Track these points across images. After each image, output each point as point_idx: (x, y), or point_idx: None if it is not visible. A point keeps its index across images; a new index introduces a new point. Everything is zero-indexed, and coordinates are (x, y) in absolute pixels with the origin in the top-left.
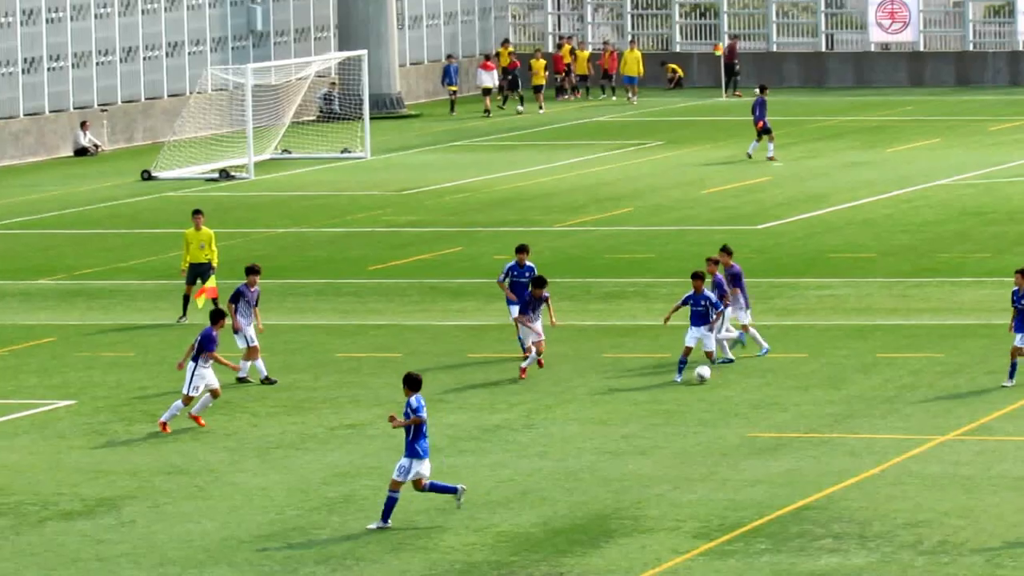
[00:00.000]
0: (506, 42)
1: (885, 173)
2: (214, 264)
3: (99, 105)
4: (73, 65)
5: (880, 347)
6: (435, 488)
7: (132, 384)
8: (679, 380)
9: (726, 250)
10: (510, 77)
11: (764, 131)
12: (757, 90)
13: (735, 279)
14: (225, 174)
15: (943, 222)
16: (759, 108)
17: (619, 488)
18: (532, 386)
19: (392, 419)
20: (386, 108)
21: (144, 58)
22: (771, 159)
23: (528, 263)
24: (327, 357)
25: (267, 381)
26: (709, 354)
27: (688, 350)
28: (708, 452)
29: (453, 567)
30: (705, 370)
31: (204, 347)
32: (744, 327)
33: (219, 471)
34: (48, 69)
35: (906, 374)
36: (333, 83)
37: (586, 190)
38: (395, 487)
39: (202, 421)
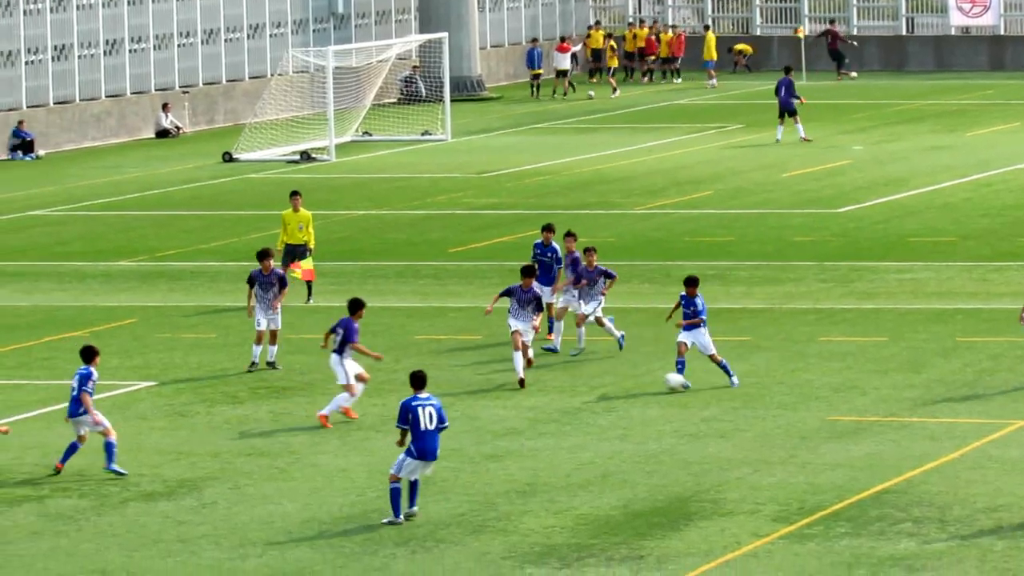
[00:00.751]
0: (597, 24)
1: (965, 157)
2: (311, 246)
3: (181, 87)
4: (155, 47)
5: (960, 331)
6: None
7: (213, 365)
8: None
9: (571, 235)
10: (599, 59)
11: (788, 112)
12: (783, 71)
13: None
14: (306, 156)
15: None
16: (785, 89)
17: (699, 471)
18: (612, 369)
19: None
20: (466, 91)
21: (225, 40)
22: (805, 139)
23: (554, 243)
24: (407, 339)
25: (270, 365)
26: (712, 356)
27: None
28: (788, 435)
29: (533, 549)
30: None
31: (348, 338)
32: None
33: (300, 452)
34: (130, 51)
35: (986, 358)
36: (415, 66)
37: (666, 173)
38: (393, 480)
39: (353, 413)
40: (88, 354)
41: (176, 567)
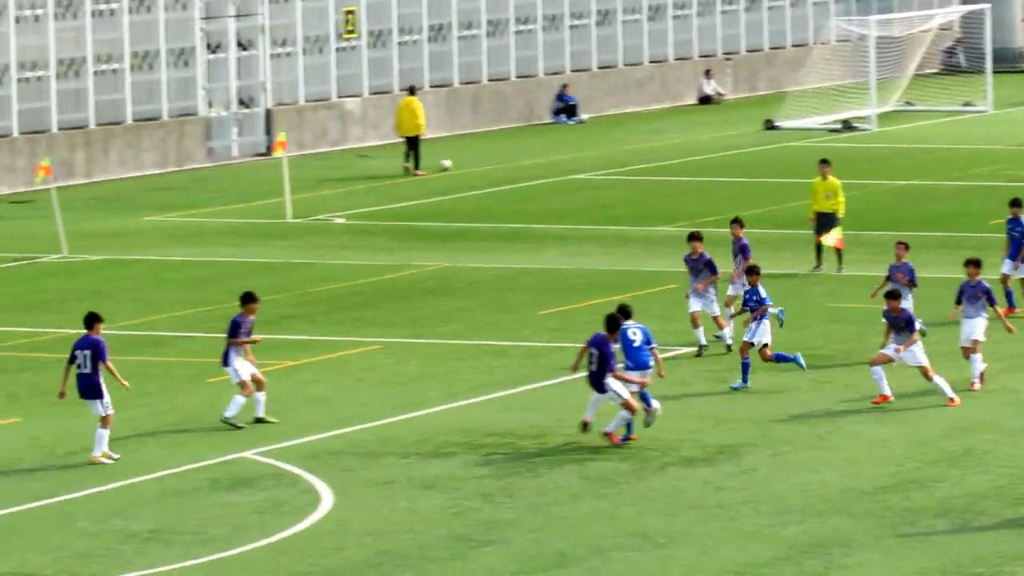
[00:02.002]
0: None
1: None
2: (840, 214)
3: (723, 54)
4: (697, 13)
5: None
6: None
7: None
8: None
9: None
10: None
11: None
12: None
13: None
14: (847, 125)
15: None
16: None
17: None
18: None
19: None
20: (1008, 62)
21: (768, 7)
22: None
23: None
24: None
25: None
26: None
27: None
28: None
29: None
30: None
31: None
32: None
33: (839, 422)
34: (672, 17)
35: None
36: (959, 39)
37: None
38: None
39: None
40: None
41: (715, 532)
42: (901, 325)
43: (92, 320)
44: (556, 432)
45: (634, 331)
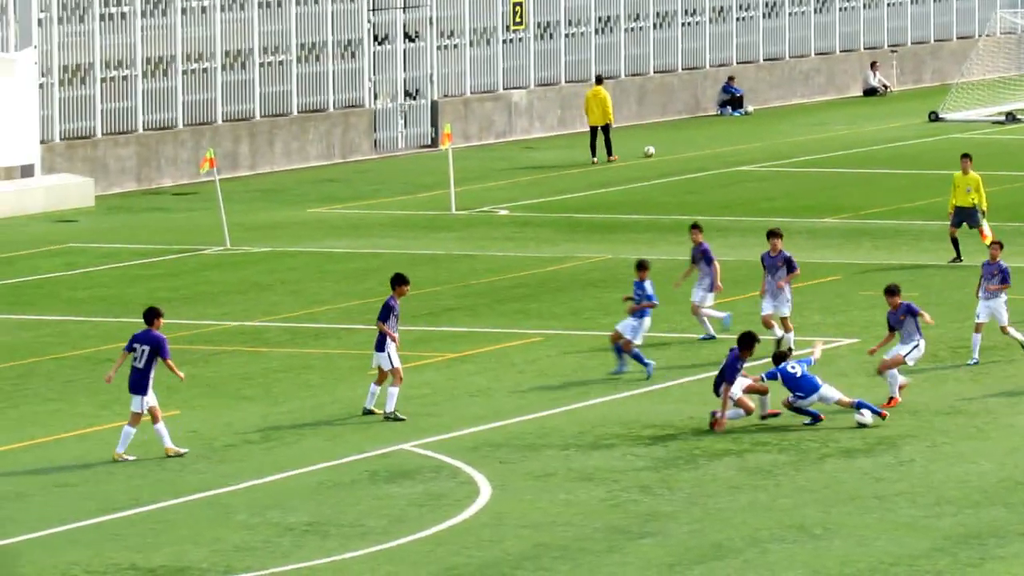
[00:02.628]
0: None
1: None
2: (982, 208)
3: (889, 46)
4: (864, 6)
5: None
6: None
7: None
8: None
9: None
10: None
11: None
12: None
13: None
14: (1012, 117)
15: None
16: None
17: None
18: None
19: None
20: None
21: (933, 0)
22: None
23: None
24: None
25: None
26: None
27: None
28: None
29: None
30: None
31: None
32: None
33: (997, 412)
34: (840, 9)
35: None
36: None
37: None
38: None
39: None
40: None
41: (873, 523)
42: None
43: (153, 315)
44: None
45: (792, 366)
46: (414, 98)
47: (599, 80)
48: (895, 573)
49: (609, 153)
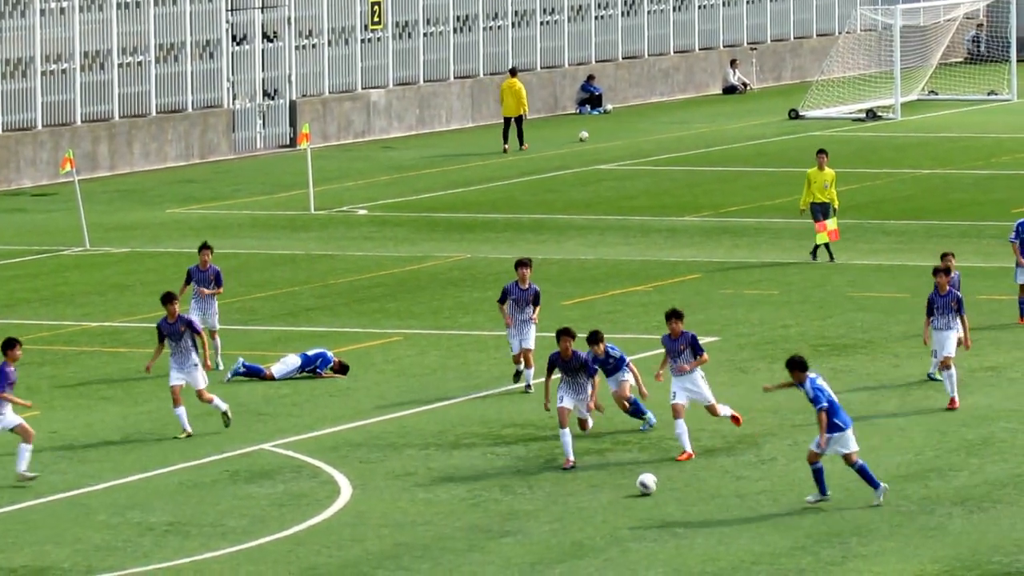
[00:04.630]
0: None
1: None
2: (835, 205)
3: (748, 43)
4: (724, 3)
5: None
6: (863, 473)
7: (775, 322)
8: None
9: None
10: None
11: None
12: None
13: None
14: (872, 114)
15: None
16: None
17: None
18: None
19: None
20: None
21: None
22: None
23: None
24: (969, 300)
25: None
26: None
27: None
28: None
29: None
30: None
31: None
32: None
33: (859, 410)
34: (699, 7)
35: None
36: (980, 25)
37: None
38: (813, 459)
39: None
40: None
41: (734, 521)
42: (952, 306)
43: (8, 346)
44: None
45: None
46: (272, 98)
47: (513, 72)
48: (757, 571)
49: (521, 143)
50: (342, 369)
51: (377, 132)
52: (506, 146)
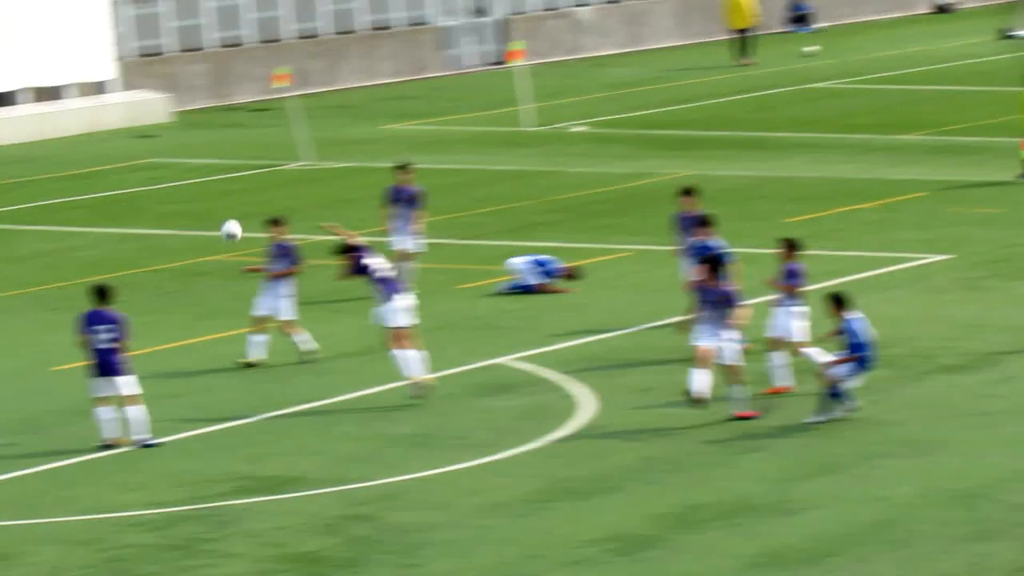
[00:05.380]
0: None
1: None
2: None
3: None
4: None
5: None
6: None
7: (1005, 240)
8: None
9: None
10: None
11: None
12: None
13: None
14: None
15: None
16: None
17: None
18: None
19: None
20: None
21: None
22: None
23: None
24: None
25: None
26: None
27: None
28: None
29: None
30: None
31: None
32: None
33: None
34: None
35: None
36: None
37: None
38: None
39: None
40: None
41: (980, 441)
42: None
43: (104, 293)
44: None
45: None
46: (482, 15)
47: None
48: (1011, 489)
49: (745, 56)
50: (571, 276)
51: (587, 50)
52: (739, 59)
